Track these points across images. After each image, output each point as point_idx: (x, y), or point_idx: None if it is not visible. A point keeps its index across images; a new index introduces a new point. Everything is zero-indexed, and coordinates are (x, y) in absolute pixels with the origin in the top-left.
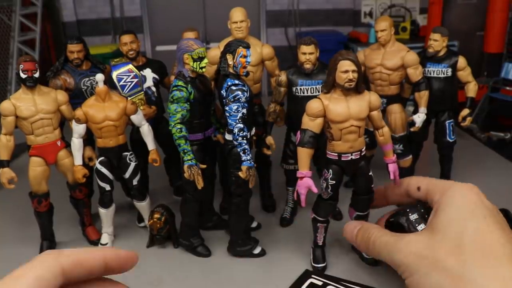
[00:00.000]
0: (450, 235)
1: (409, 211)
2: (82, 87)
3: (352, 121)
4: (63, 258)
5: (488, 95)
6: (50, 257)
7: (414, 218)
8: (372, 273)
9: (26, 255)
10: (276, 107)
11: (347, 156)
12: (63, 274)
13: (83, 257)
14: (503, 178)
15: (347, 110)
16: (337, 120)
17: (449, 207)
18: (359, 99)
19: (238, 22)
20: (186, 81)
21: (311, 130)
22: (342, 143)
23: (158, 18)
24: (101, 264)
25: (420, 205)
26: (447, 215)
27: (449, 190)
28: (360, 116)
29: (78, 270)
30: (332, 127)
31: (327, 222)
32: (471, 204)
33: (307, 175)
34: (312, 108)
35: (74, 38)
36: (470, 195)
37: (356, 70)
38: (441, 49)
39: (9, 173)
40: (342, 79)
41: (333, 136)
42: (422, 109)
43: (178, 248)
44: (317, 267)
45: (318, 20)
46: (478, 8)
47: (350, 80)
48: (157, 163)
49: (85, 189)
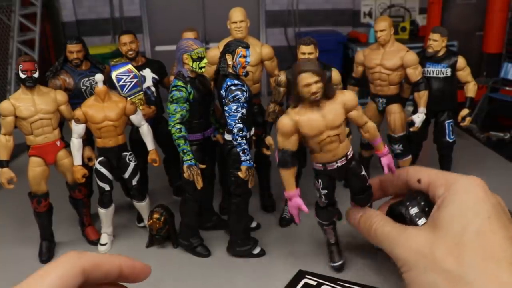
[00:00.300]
0: (451, 234)
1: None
2: (82, 87)
3: (328, 131)
4: (84, 259)
5: (487, 95)
6: (73, 258)
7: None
8: (368, 273)
9: (25, 255)
10: (275, 107)
11: (332, 165)
12: (83, 274)
13: (102, 261)
14: (503, 178)
15: (321, 121)
16: (312, 134)
17: (452, 203)
18: (332, 104)
19: (237, 22)
20: (185, 81)
21: (289, 149)
22: (323, 154)
23: (158, 18)
24: (117, 270)
25: (420, 197)
26: (450, 212)
27: (454, 185)
28: (336, 124)
29: (96, 272)
30: (309, 142)
31: (333, 224)
32: (475, 201)
33: (295, 195)
34: (283, 126)
35: (73, 38)
36: (475, 191)
37: (319, 80)
38: (441, 49)
39: (9, 173)
40: (306, 93)
41: (312, 149)
42: (421, 109)
43: (177, 248)
44: (334, 265)
45: (318, 20)
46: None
47: (314, 93)
48: (156, 163)
49: (84, 189)
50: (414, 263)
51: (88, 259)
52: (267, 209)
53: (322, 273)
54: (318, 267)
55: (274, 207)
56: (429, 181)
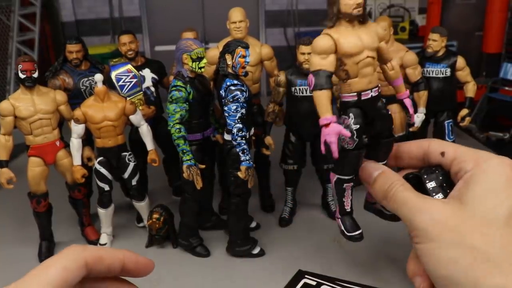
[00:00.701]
0: (481, 212)
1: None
2: (81, 87)
3: (367, 51)
4: (87, 252)
5: (487, 95)
6: (76, 250)
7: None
8: (368, 273)
9: (25, 255)
10: (275, 107)
11: (367, 94)
12: (86, 267)
13: (104, 254)
14: None
15: (360, 40)
16: (353, 52)
17: (484, 181)
18: (366, 28)
19: (237, 22)
20: (185, 81)
21: (326, 69)
22: (360, 79)
23: (157, 18)
24: (120, 264)
25: (439, 171)
26: (480, 190)
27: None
28: (374, 45)
29: (99, 266)
30: (347, 63)
31: (353, 181)
32: (508, 182)
33: (332, 120)
34: (322, 44)
35: (73, 38)
36: (508, 172)
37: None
38: (440, 49)
39: (8, 173)
40: (350, 6)
41: (349, 73)
42: (421, 109)
43: (177, 248)
44: (354, 235)
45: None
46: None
47: (358, 5)
48: (156, 163)
49: (84, 189)
50: (435, 235)
51: (91, 252)
52: (267, 209)
53: (321, 273)
54: (318, 267)
55: (273, 207)
56: (455, 155)
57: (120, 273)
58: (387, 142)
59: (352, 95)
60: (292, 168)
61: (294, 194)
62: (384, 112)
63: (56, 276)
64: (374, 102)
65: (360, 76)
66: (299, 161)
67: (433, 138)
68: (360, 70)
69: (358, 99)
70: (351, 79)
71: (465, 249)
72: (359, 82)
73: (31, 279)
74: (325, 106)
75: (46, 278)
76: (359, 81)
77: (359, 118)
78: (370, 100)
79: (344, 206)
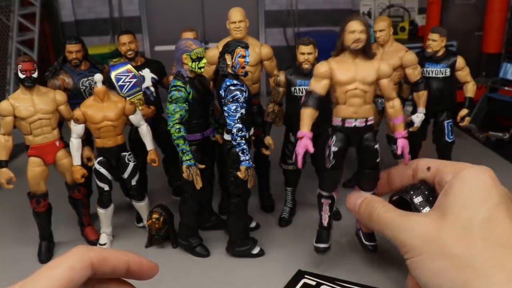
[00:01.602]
0: (460, 220)
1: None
2: (81, 87)
3: (358, 84)
4: (93, 253)
5: (486, 95)
6: (82, 250)
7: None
8: (368, 273)
9: (24, 255)
10: (274, 107)
11: (350, 122)
12: (91, 267)
13: (110, 256)
14: (502, 178)
15: (354, 73)
16: (343, 82)
17: (461, 189)
18: (367, 63)
19: (236, 22)
20: (184, 81)
21: (316, 92)
22: (346, 107)
23: (157, 18)
24: (124, 266)
25: (424, 186)
26: (458, 198)
27: (463, 172)
28: (367, 80)
29: (104, 267)
30: (337, 90)
31: (331, 199)
32: (484, 188)
33: (306, 135)
34: (319, 70)
35: (72, 38)
36: (484, 179)
37: (364, 31)
38: (440, 49)
39: (8, 173)
40: (350, 40)
41: (338, 99)
42: (420, 109)
43: (177, 248)
44: (318, 247)
45: (317, 20)
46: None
47: (357, 40)
48: (155, 163)
49: (83, 189)
50: (421, 248)
51: (96, 252)
52: (267, 209)
53: (321, 273)
54: (318, 267)
55: (273, 207)
56: (438, 168)
57: (125, 275)
58: (370, 174)
59: (337, 119)
60: (292, 168)
61: (294, 194)
62: (369, 145)
63: (62, 276)
64: (359, 133)
65: (347, 105)
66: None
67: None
68: (348, 99)
69: (342, 125)
70: (339, 105)
71: (449, 258)
72: (345, 109)
73: (38, 278)
74: (306, 121)
75: (52, 277)
76: (345, 108)
77: (340, 142)
78: (354, 129)
79: (322, 219)
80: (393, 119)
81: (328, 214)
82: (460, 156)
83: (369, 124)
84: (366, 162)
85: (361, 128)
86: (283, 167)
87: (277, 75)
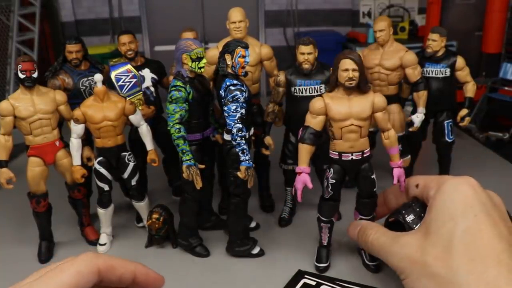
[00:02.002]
0: (440, 237)
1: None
2: (81, 87)
3: (353, 120)
4: (101, 260)
5: (486, 95)
6: (90, 257)
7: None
8: (368, 273)
9: (24, 256)
10: (274, 107)
11: (347, 156)
12: (98, 273)
13: (117, 264)
14: (502, 178)
15: (348, 109)
16: (337, 118)
17: (441, 204)
18: (362, 98)
19: (236, 22)
20: (184, 81)
21: (312, 128)
22: (342, 142)
23: (157, 18)
24: (131, 275)
25: (415, 204)
26: (439, 213)
27: (443, 185)
28: (361, 116)
29: (111, 275)
30: (333, 125)
31: (330, 223)
32: (463, 200)
33: (304, 171)
34: (314, 106)
35: (72, 38)
36: (464, 190)
37: (357, 69)
38: (440, 49)
39: (8, 173)
40: (343, 78)
41: (334, 134)
42: (420, 109)
43: (176, 248)
44: (318, 266)
45: (317, 20)
46: (477, 8)
47: (350, 79)
48: (155, 163)
49: (83, 189)
50: (408, 270)
51: (104, 260)
52: (266, 209)
53: (321, 273)
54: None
55: (273, 207)
56: (424, 184)
57: (131, 285)
58: (368, 203)
59: (335, 153)
60: (292, 168)
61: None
62: (366, 175)
63: (68, 280)
64: (356, 165)
65: (343, 140)
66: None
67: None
68: (344, 134)
69: (339, 158)
70: (335, 140)
71: (431, 277)
72: (342, 144)
73: (45, 281)
74: (303, 157)
75: (59, 281)
76: (342, 143)
77: (337, 174)
78: (351, 161)
79: (321, 239)
80: (389, 149)
81: (327, 235)
82: (460, 156)
83: (366, 156)
84: (363, 192)
85: (357, 160)
86: (283, 167)
87: (277, 75)
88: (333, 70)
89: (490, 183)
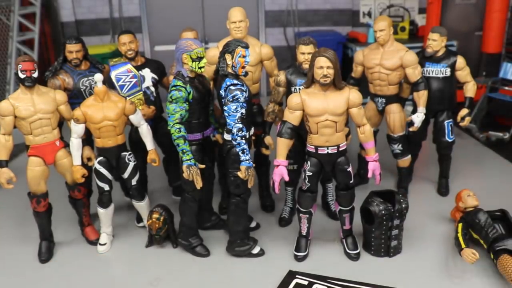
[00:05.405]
0: None
1: None
2: (81, 87)
3: (328, 115)
4: None
5: (486, 95)
6: None
7: None
8: (360, 269)
9: (24, 255)
10: (274, 107)
11: (323, 150)
12: None
13: None
14: (502, 178)
15: (324, 105)
16: (313, 114)
17: None
18: (338, 95)
19: (237, 22)
20: (185, 81)
21: (290, 122)
22: (318, 136)
23: (157, 18)
24: None
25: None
26: None
27: None
28: (336, 112)
29: None
30: (309, 121)
31: (309, 214)
32: None
33: (282, 163)
34: (291, 101)
35: (72, 38)
36: None
37: (332, 67)
38: (440, 49)
39: (8, 173)
40: (318, 75)
41: (311, 129)
42: (421, 109)
43: (177, 248)
44: (298, 255)
45: (317, 20)
46: (477, 8)
47: (324, 76)
48: (156, 163)
49: (84, 189)
50: None
51: None
52: (267, 209)
53: (321, 273)
54: (318, 267)
55: (273, 207)
56: None
57: None
58: (345, 194)
59: (311, 147)
60: (292, 168)
61: (294, 194)
62: (342, 168)
63: None
64: (332, 158)
65: (319, 134)
66: (299, 161)
67: None
68: (319, 129)
69: (315, 151)
70: (312, 134)
71: None
72: (318, 138)
73: None
74: (281, 151)
75: None
76: (318, 137)
77: (314, 167)
78: (327, 155)
79: (301, 229)
80: (364, 144)
81: (306, 225)
82: (460, 155)
83: (341, 150)
84: (340, 184)
85: (333, 154)
86: None
87: (277, 75)
88: (309, 67)
89: (490, 183)
